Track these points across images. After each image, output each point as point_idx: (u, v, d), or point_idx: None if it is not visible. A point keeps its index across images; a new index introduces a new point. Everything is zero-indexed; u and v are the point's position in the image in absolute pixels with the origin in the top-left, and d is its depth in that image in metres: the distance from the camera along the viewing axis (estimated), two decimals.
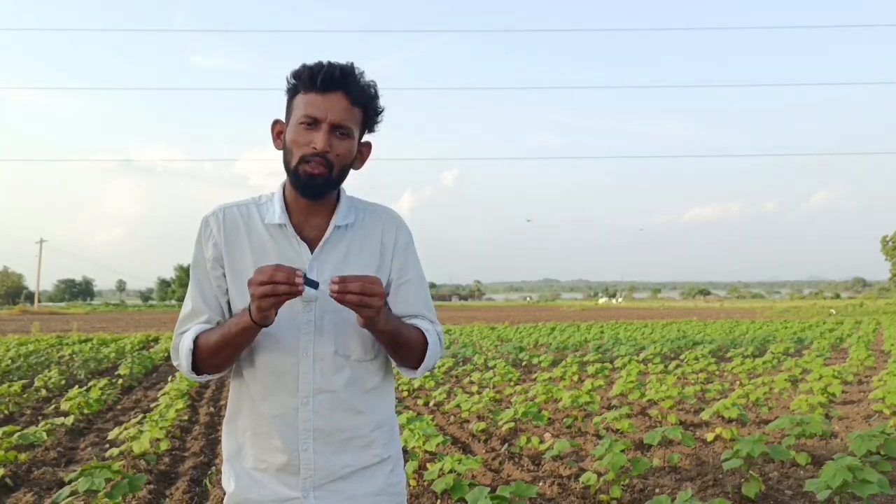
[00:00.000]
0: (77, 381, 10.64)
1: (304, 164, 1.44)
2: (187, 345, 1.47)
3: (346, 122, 1.45)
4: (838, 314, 43.60)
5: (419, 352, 1.54)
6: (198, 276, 1.54)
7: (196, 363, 1.48)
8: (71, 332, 24.85)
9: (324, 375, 1.48)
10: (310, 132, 1.44)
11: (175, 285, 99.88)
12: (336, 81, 1.44)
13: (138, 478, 3.97)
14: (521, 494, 3.74)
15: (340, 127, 1.45)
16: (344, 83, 1.44)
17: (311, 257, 1.49)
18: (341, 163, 1.47)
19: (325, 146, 1.43)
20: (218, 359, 1.46)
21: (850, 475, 3.77)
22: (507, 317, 41.83)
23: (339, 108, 1.44)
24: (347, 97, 1.45)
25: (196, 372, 1.49)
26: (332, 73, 1.43)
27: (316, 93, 1.44)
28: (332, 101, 1.44)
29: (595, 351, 15.17)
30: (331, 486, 1.50)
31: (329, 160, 1.45)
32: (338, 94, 1.44)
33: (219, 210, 1.55)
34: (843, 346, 17.09)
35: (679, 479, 4.97)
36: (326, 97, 1.44)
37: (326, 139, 1.43)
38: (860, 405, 8.18)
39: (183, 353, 1.48)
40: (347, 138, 1.47)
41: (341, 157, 1.47)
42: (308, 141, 1.44)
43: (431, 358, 1.55)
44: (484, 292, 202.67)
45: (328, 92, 1.44)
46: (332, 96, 1.44)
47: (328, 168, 1.45)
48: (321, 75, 1.43)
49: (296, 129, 1.46)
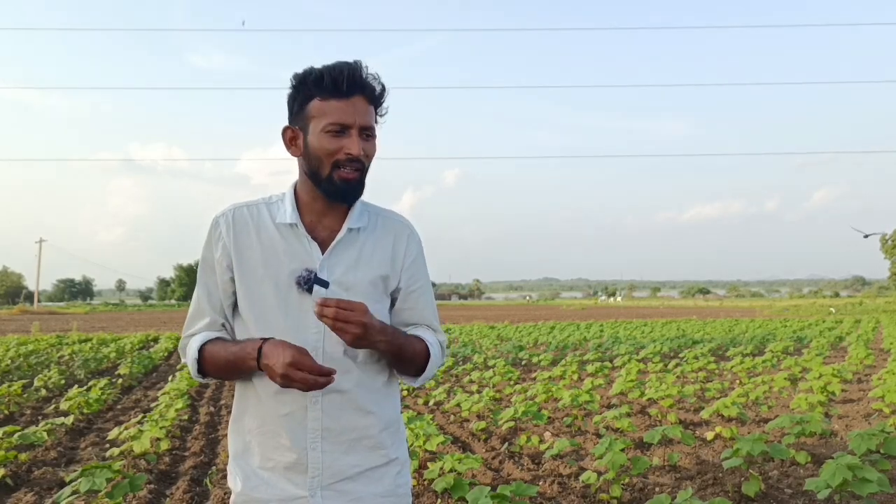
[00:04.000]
0: (77, 380, 10.64)
1: (339, 170, 1.46)
2: (193, 353, 1.50)
3: (371, 123, 1.48)
4: (838, 313, 43.60)
5: (421, 363, 1.56)
6: (204, 278, 1.55)
7: (202, 368, 1.51)
8: (71, 331, 24.83)
9: None
10: (338, 138, 1.45)
11: (175, 285, 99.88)
12: (358, 85, 1.45)
13: (139, 477, 3.97)
14: (522, 493, 3.75)
15: (367, 129, 1.47)
16: (363, 85, 1.46)
17: (323, 257, 1.50)
18: (370, 163, 1.51)
19: (360, 151, 1.45)
20: (222, 375, 1.52)
21: (850, 474, 3.78)
22: (507, 316, 41.83)
23: (363, 111, 1.46)
24: (367, 98, 1.47)
25: (202, 376, 1.53)
26: (353, 77, 1.44)
27: (339, 99, 1.44)
28: (356, 105, 1.45)
29: (595, 350, 15.17)
30: (338, 485, 1.50)
31: (362, 163, 1.48)
32: (360, 96, 1.46)
33: (229, 210, 1.56)
34: (843, 345, 17.10)
35: (679, 478, 4.97)
36: (350, 102, 1.45)
37: (359, 144, 1.45)
38: (860, 404, 8.18)
39: (189, 359, 1.52)
40: (373, 138, 1.50)
41: (370, 157, 1.50)
42: (339, 147, 1.45)
43: (432, 369, 1.57)
44: (483, 291, 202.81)
45: (352, 96, 1.45)
46: (355, 100, 1.45)
47: (363, 171, 1.48)
48: (345, 81, 1.43)
49: (323, 137, 1.45)
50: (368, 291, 1.51)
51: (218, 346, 1.49)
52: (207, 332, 1.53)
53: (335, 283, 1.48)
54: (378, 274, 1.54)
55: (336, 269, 1.50)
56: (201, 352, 1.50)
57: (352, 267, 1.51)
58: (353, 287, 1.50)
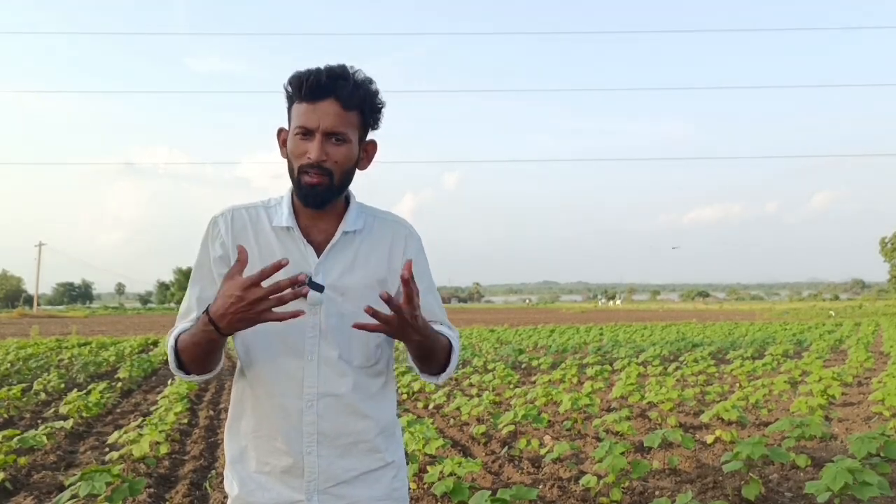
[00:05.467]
0: (76, 384, 10.64)
1: (304, 175, 1.44)
2: (170, 345, 1.47)
3: (338, 128, 1.43)
4: (837, 316, 43.61)
5: (445, 358, 1.55)
6: (198, 276, 1.54)
7: (181, 363, 1.46)
8: (70, 335, 24.79)
9: (329, 379, 1.48)
10: (305, 142, 1.44)
11: (174, 288, 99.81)
12: (323, 88, 1.41)
13: (138, 481, 3.96)
14: (522, 497, 3.74)
15: (335, 134, 1.43)
16: (333, 89, 1.42)
17: (318, 261, 1.49)
18: (341, 169, 1.46)
19: (319, 156, 1.42)
20: (197, 362, 1.44)
21: (851, 477, 3.77)
22: (507, 319, 41.80)
23: (330, 115, 1.42)
24: (339, 102, 1.43)
25: (184, 371, 1.47)
26: (319, 80, 1.41)
27: (307, 102, 1.43)
28: (323, 109, 1.42)
29: (594, 353, 15.16)
30: (335, 489, 1.50)
31: (326, 169, 1.44)
32: (328, 100, 1.42)
33: (228, 211, 1.55)
34: (843, 348, 17.09)
35: (679, 482, 4.97)
36: (317, 106, 1.42)
37: (321, 148, 1.42)
38: (860, 407, 8.18)
39: (168, 352, 1.47)
40: (344, 143, 1.45)
41: (340, 163, 1.45)
42: (304, 151, 1.44)
43: (454, 364, 1.56)
44: (483, 294, 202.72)
45: (318, 100, 1.42)
46: (323, 104, 1.42)
47: (327, 176, 1.44)
48: (308, 84, 1.41)
49: (293, 140, 1.45)
50: (364, 295, 1.48)
51: (185, 333, 1.45)
52: (185, 325, 1.49)
53: (330, 287, 1.47)
54: (374, 277, 1.52)
55: (331, 273, 1.49)
56: (176, 343, 1.46)
57: (347, 270, 1.50)
58: (348, 290, 1.49)
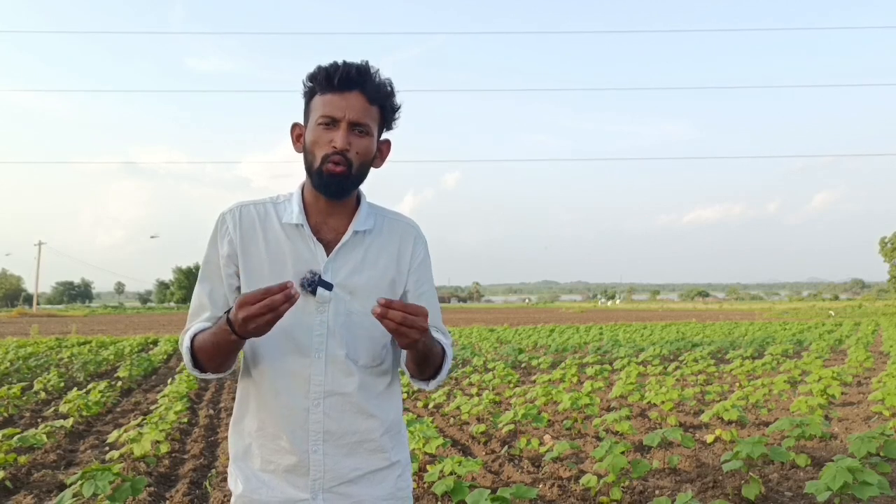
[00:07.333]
0: (76, 383, 10.64)
1: (326, 164, 1.45)
2: (185, 344, 1.47)
3: (364, 119, 1.46)
4: (837, 316, 43.60)
5: (438, 366, 1.55)
6: (207, 273, 1.54)
7: (197, 362, 1.47)
8: (70, 334, 24.78)
9: (335, 378, 1.49)
10: (329, 131, 1.45)
11: (174, 287, 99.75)
12: (353, 80, 1.45)
13: (139, 480, 3.96)
14: (522, 496, 3.75)
15: (359, 125, 1.46)
16: (361, 82, 1.45)
17: (328, 259, 1.49)
18: (360, 160, 1.48)
19: (344, 144, 1.44)
20: (214, 363, 1.45)
21: (850, 477, 3.78)
22: (507, 318, 41.79)
23: (356, 106, 1.45)
24: (364, 96, 1.46)
25: (200, 370, 1.48)
26: (349, 72, 1.44)
27: (333, 93, 1.45)
28: (350, 100, 1.45)
29: (594, 353, 15.17)
30: (339, 488, 1.50)
31: (348, 158, 1.46)
32: (355, 93, 1.45)
33: (236, 207, 1.55)
34: (842, 348, 17.10)
35: (679, 481, 4.97)
36: (344, 96, 1.45)
37: (346, 137, 1.44)
38: (859, 407, 8.19)
39: (183, 352, 1.48)
40: (366, 136, 1.48)
41: (360, 154, 1.47)
42: (328, 140, 1.45)
43: (445, 371, 1.57)
44: (483, 294, 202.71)
45: (345, 91, 1.45)
46: (350, 95, 1.45)
47: (348, 166, 1.46)
48: (338, 75, 1.44)
49: (315, 130, 1.47)
50: (373, 294, 1.48)
51: (204, 332, 1.45)
52: (200, 324, 1.49)
53: (339, 286, 1.47)
54: (383, 277, 1.53)
55: (340, 272, 1.49)
56: (192, 342, 1.46)
57: (356, 270, 1.51)
58: (357, 290, 1.50)
